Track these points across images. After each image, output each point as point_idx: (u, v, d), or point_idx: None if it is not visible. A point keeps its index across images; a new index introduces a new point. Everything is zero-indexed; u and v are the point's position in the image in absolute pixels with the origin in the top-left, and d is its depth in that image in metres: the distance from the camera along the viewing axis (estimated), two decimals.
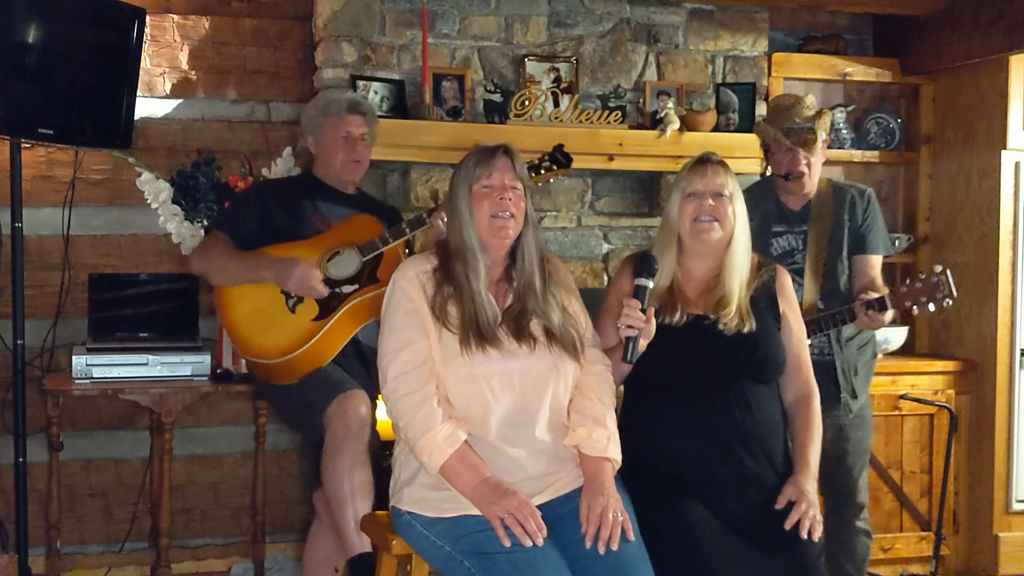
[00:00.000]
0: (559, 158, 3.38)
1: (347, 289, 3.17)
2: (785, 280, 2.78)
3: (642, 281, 2.51)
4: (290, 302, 3.16)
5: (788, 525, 2.45)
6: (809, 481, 2.55)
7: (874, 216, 3.34)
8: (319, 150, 3.35)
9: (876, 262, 3.34)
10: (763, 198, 3.35)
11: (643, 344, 2.49)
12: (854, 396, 3.34)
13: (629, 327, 2.46)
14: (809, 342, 3.15)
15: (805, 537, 2.44)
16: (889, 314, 3.12)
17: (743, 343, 2.59)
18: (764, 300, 2.70)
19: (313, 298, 3.13)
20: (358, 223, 3.28)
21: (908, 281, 3.15)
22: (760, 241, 3.24)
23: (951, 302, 3.12)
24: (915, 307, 3.12)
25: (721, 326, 2.59)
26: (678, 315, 2.62)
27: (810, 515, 2.47)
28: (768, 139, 3.35)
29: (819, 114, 3.30)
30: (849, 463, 3.36)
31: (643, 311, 2.47)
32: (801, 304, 3.18)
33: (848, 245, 3.31)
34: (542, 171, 3.35)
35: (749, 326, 2.60)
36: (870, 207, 3.34)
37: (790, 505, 2.49)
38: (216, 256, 3.22)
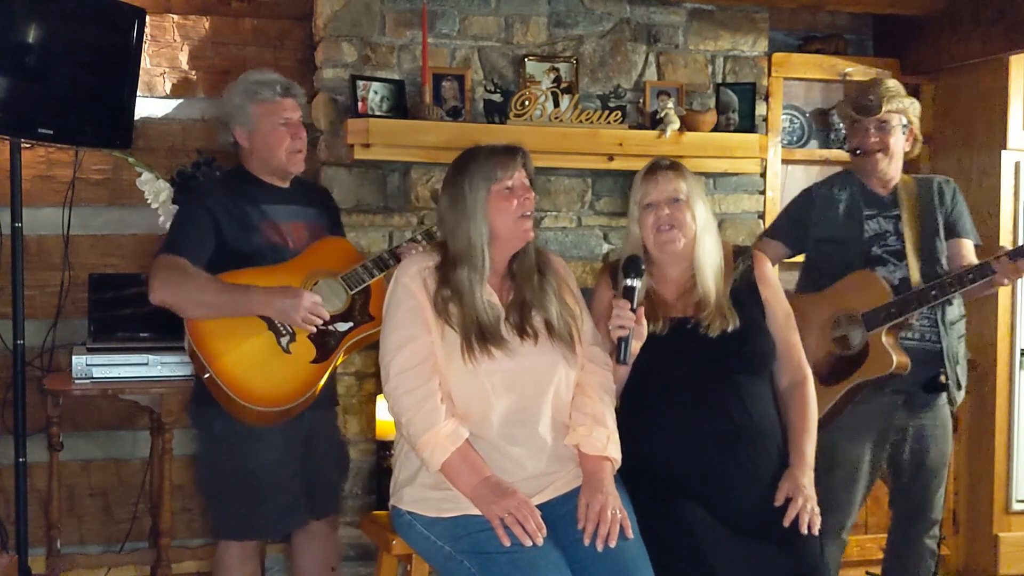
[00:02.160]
0: None
1: (342, 327, 2.90)
2: (764, 266, 2.73)
3: (630, 281, 2.48)
4: (283, 340, 2.83)
5: (787, 521, 2.45)
6: (805, 474, 2.54)
7: (961, 203, 3.28)
8: (255, 143, 2.97)
9: (970, 247, 3.25)
10: (847, 183, 3.30)
11: (636, 346, 2.48)
12: (959, 387, 3.17)
13: (620, 327, 2.45)
14: (912, 323, 3.11)
15: (805, 532, 2.44)
16: None
17: (730, 341, 2.57)
18: (745, 291, 2.67)
19: (313, 331, 2.84)
20: (330, 247, 3.02)
21: None
22: (852, 223, 3.23)
23: None
24: None
25: (703, 329, 2.57)
26: (660, 323, 2.59)
27: (808, 509, 2.47)
28: (842, 116, 3.33)
29: (894, 95, 3.19)
30: (927, 475, 3.23)
31: (633, 311, 2.46)
32: (908, 284, 3.12)
33: (943, 229, 3.23)
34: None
35: (733, 324, 2.58)
36: (956, 195, 3.28)
37: (788, 501, 2.48)
38: (192, 288, 2.79)
